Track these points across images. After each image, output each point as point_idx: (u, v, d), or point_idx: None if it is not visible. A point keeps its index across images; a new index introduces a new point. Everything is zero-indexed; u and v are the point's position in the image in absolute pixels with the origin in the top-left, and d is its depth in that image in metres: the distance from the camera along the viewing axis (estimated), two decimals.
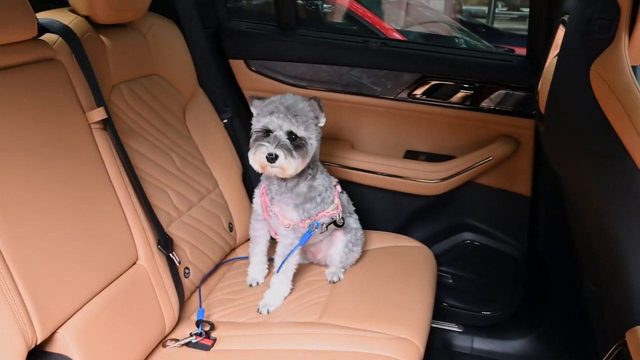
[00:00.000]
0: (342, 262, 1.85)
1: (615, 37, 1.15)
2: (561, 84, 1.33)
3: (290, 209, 1.72)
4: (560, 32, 1.43)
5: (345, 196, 1.91)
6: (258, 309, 1.69)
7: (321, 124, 1.70)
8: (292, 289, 1.77)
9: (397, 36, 5.07)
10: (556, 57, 1.44)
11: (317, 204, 1.74)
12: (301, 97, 1.67)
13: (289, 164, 1.58)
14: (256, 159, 1.60)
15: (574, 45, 1.30)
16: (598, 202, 1.17)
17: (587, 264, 1.48)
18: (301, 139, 1.61)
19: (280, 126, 1.59)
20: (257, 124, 1.64)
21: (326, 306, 1.68)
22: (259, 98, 1.69)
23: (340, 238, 1.86)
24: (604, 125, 1.09)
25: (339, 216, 1.79)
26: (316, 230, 1.74)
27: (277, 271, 1.74)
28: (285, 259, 1.72)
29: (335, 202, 1.79)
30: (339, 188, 1.85)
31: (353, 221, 1.91)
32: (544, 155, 1.65)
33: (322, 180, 1.77)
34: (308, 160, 1.65)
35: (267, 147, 1.57)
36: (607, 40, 1.16)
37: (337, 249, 1.85)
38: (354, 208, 1.96)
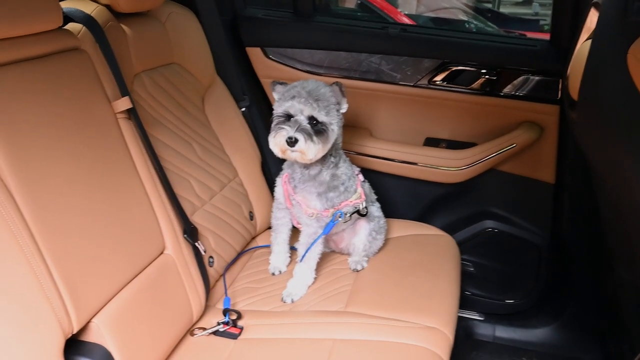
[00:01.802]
0: (366, 251, 1.84)
1: None
2: (596, 69, 1.30)
3: (313, 198, 1.70)
4: (593, 16, 1.40)
5: (367, 185, 1.89)
6: (282, 298, 1.69)
7: (343, 110, 1.68)
8: (315, 278, 1.76)
9: (407, 21, 5.02)
10: (588, 42, 1.41)
11: (341, 193, 1.72)
12: (323, 83, 1.65)
13: (309, 148, 1.56)
14: (276, 142, 1.59)
15: (609, 29, 1.27)
16: (635, 188, 1.15)
17: (620, 252, 1.46)
18: (322, 124, 1.59)
19: (302, 110, 1.58)
20: (278, 109, 1.63)
21: (351, 295, 1.68)
22: (281, 83, 1.68)
23: (363, 227, 1.84)
24: None
25: (363, 205, 1.78)
26: (339, 219, 1.72)
27: (301, 260, 1.73)
28: (309, 248, 1.71)
29: (359, 191, 1.78)
30: (361, 177, 1.83)
31: (375, 209, 1.90)
32: (575, 141, 1.63)
33: (345, 169, 1.75)
34: (329, 146, 1.64)
35: (287, 131, 1.56)
36: None
37: (360, 237, 1.83)
38: (375, 197, 1.94)
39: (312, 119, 1.59)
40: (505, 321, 2.26)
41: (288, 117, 1.60)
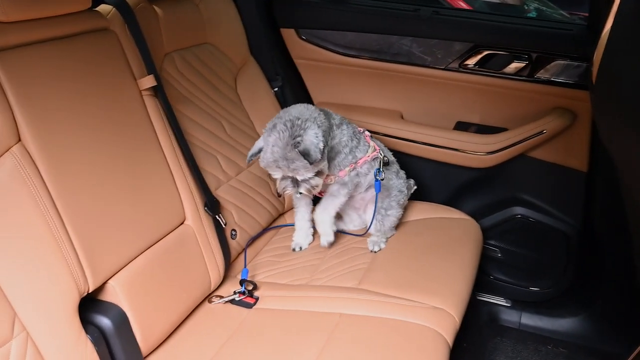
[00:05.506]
0: (382, 229, 1.87)
1: None
2: (614, 54, 1.26)
3: None
4: None
5: (379, 142, 1.95)
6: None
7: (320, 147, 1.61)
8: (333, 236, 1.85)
9: (463, 5, 4.89)
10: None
11: (346, 155, 1.77)
12: (288, 142, 1.55)
13: (315, 189, 1.66)
14: (286, 194, 1.70)
15: (628, 12, 1.23)
16: None
17: (636, 241, 1.42)
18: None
19: (286, 173, 1.61)
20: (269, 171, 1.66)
21: (366, 273, 1.71)
22: (254, 154, 1.67)
23: (373, 201, 1.87)
24: None
25: (382, 155, 1.85)
26: (383, 172, 1.84)
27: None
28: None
29: (372, 145, 1.85)
30: (367, 133, 1.89)
31: (400, 182, 1.94)
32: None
33: (341, 135, 1.76)
34: (327, 170, 1.70)
35: (290, 189, 1.64)
36: None
37: (370, 212, 1.88)
38: (398, 165, 2.00)
39: None
40: (531, 309, 2.23)
41: None
